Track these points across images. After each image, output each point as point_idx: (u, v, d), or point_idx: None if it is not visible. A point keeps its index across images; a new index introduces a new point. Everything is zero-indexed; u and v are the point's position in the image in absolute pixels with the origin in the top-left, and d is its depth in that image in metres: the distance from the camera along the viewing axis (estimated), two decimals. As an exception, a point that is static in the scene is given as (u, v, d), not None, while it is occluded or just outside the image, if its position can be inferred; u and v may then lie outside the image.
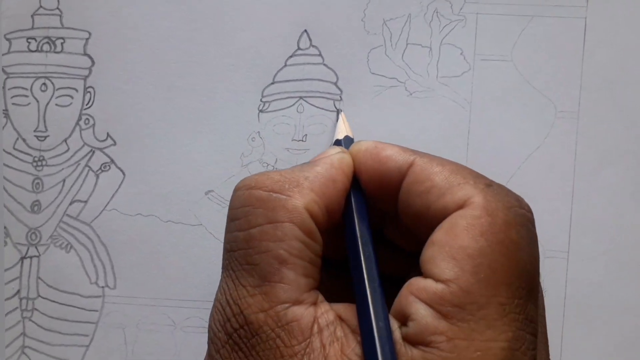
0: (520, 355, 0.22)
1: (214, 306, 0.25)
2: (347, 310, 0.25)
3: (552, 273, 0.36)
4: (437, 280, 0.23)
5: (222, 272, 0.25)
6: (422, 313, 0.23)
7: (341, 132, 0.33)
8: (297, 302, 0.24)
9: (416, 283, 0.23)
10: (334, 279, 0.29)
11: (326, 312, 0.24)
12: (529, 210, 0.25)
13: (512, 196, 0.25)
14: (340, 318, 0.24)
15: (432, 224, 0.24)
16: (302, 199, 0.25)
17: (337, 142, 0.33)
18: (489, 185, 0.25)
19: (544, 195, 0.36)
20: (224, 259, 0.25)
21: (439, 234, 0.24)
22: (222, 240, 0.26)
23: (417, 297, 0.23)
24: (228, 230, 0.25)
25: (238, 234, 0.25)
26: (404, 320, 0.23)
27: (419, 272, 0.24)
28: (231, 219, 0.25)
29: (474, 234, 0.23)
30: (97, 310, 0.37)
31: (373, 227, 0.27)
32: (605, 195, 0.36)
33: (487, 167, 0.36)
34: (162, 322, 0.37)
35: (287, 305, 0.23)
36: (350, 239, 0.26)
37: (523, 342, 0.23)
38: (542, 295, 0.27)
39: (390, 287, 0.25)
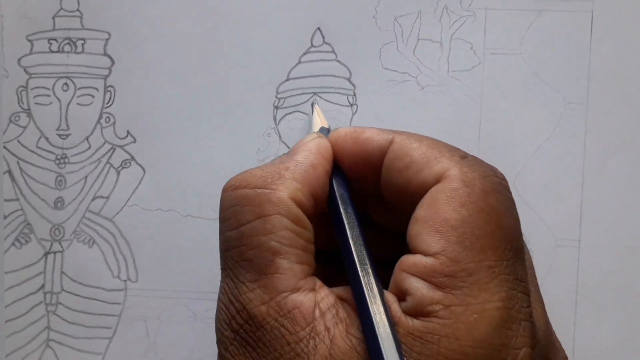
0: (515, 313, 0.23)
1: (218, 307, 0.26)
2: (347, 291, 0.25)
3: (564, 261, 0.37)
4: (425, 254, 0.24)
5: (222, 273, 0.26)
6: (416, 286, 0.23)
7: (317, 125, 0.33)
8: (296, 290, 0.24)
9: (407, 260, 0.24)
10: (328, 267, 0.30)
11: (326, 296, 0.25)
12: (504, 179, 0.26)
13: (487, 166, 0.26)
14: (341, 299, 0.25)
15: (414, 198, 0.25)
16: (285, 190, 0.25)
17: None
18: (464, 157, 0.26)
19: (554, 185, 0.37)
20: (221, 259, 0.26)
21: (422, 210, 0.25)
22: None
23: (409, 273, 0.24)
24: (221, 232, 0.26)
25: (230, 234, 0.25)
26: (402, 296, 0.24)
27: (407, 251, 0.25)
28: (222, 219, 0.26)
29: (454, 206, 0.24)
30: (119, 303, 0.38)
31: (359, 211, 0.27)
32: (614, 184, 0.37)
33: (498, 158, 0.37)
34: (182, 313, 0.37)
35: (286, 294, 0.24)
36: (337, 223, 0.27)
37: (516, 301, 0.23)
38: (530, 256, 0.28)
39: (383, 270, 0.25)
